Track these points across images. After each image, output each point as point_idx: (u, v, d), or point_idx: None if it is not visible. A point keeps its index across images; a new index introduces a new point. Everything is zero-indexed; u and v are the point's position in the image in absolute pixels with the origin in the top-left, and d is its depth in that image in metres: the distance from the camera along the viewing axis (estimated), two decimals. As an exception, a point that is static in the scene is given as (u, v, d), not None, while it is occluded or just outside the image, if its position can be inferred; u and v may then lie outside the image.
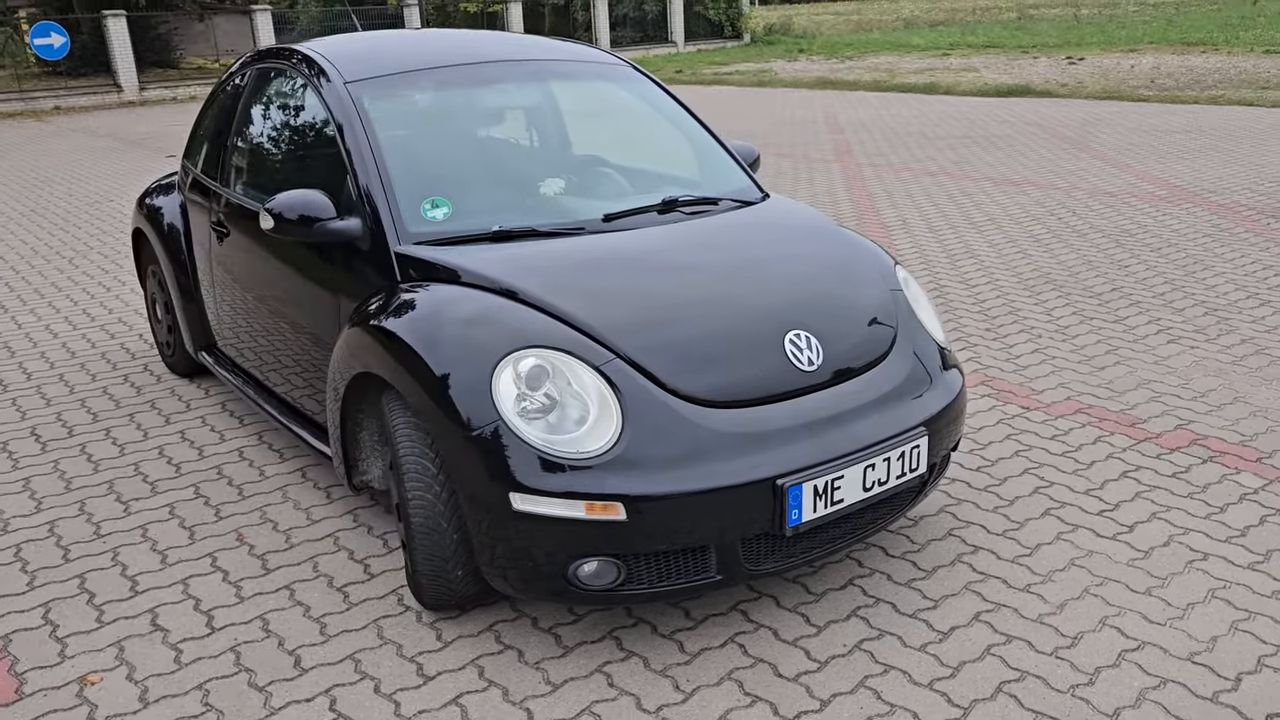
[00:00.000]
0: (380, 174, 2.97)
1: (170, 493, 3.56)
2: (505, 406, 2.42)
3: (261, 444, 3.94)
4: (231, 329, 3.89)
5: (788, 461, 2.45)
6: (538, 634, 2.71)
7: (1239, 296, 5.40)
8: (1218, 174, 8.81)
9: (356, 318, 2.82)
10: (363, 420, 3.02)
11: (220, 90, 4.14)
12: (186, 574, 3.05)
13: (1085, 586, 2.84)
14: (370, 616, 2.81)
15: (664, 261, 2.86)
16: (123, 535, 3.28)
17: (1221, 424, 3.86)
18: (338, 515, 3.37)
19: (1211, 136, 11.00)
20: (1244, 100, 14.23)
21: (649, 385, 2.47)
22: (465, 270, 2.74)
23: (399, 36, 3.76)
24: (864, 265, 3.04)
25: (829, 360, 2.68)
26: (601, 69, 3.72)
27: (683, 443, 2.41)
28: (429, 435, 2.56)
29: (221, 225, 3.75)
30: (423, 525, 2.57)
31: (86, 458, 3.86)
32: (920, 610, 2.77)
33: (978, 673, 2.50)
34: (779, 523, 2.44)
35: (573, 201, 3.24)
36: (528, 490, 2.36)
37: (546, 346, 2.49)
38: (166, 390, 4.53)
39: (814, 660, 2.57)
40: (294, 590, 2.94)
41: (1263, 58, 20.13)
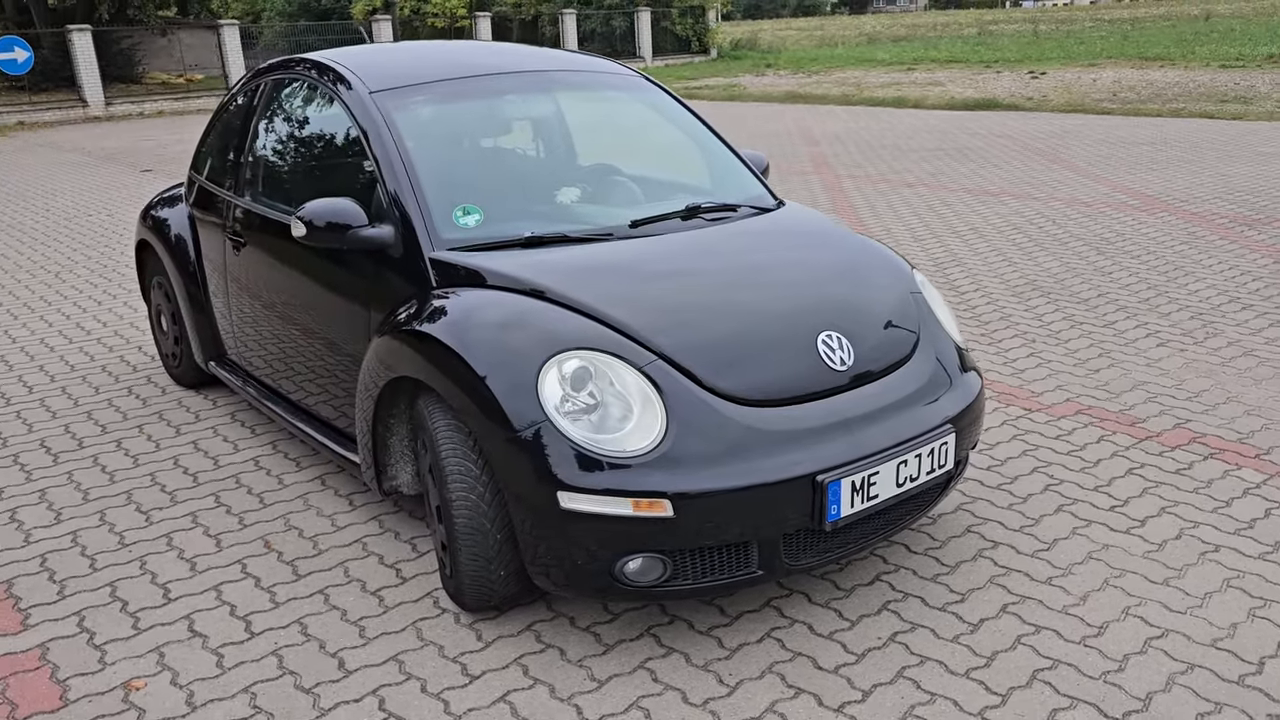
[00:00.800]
0: (411, 182, 3.01)
1: (190, 502, 3.56)
2: (551, 407, 2.47)
3: (277, 453, 3.95)
4: (247, 338, 3.90)
5: (826, 458, 2.51)
6: (577, 633, 2.75)
7: (1221, 301, 5.56)
8: (1187, 184, 9.04)
9: (391, 324, 2.85)
10: (393, 425, 3.05)
11: (230, 102, 4.16)
12: (218, 580, 3.05)
13: (1105, 578, 2.93)
14: (408, 619, 2.83)
15: (695, 265, 2.92)
16: (148, 544, 3.27)
17: (1218, 422, 3.98)
18: (363, 521, 3.39)
19: (1177, 148, 11.27)
20: (1205, 113, 14.59)
21: (690, 384, 2.53)
22: (501, 275, 2.79)
23: (415, 48, 3.81)
24: (884, 269, 3.13)
25: (859, 360, 2.75)
26: (616, 79, 3.78)
27: (724, 440, 2.47)
28: (472, 437, 2.59)
29: (238, 235, 3.76)
30: (466, 526, 2.60)
31: (100, 469, 3.85)
32: (949, 604, 2.84)
33: (1011, 662, 2.57)
34: (819, 518, 2.50)
35: (598, 208, 3.30)
36: (575, 489, 2.41)
37: (589, 348, 2.54)
38: (173, 402, 4.52)
39: (851, 653, 2.63)
40: (328, 595, 2.96)
41: (1218, 72, 20.63)
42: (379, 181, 3.07)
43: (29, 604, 2.95)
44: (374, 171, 3.13)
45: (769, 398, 2.58)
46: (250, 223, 3.70)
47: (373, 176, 3.15)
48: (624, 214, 3.19)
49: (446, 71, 3.47)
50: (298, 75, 3.71)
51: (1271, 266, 6.22)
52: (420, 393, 2.80)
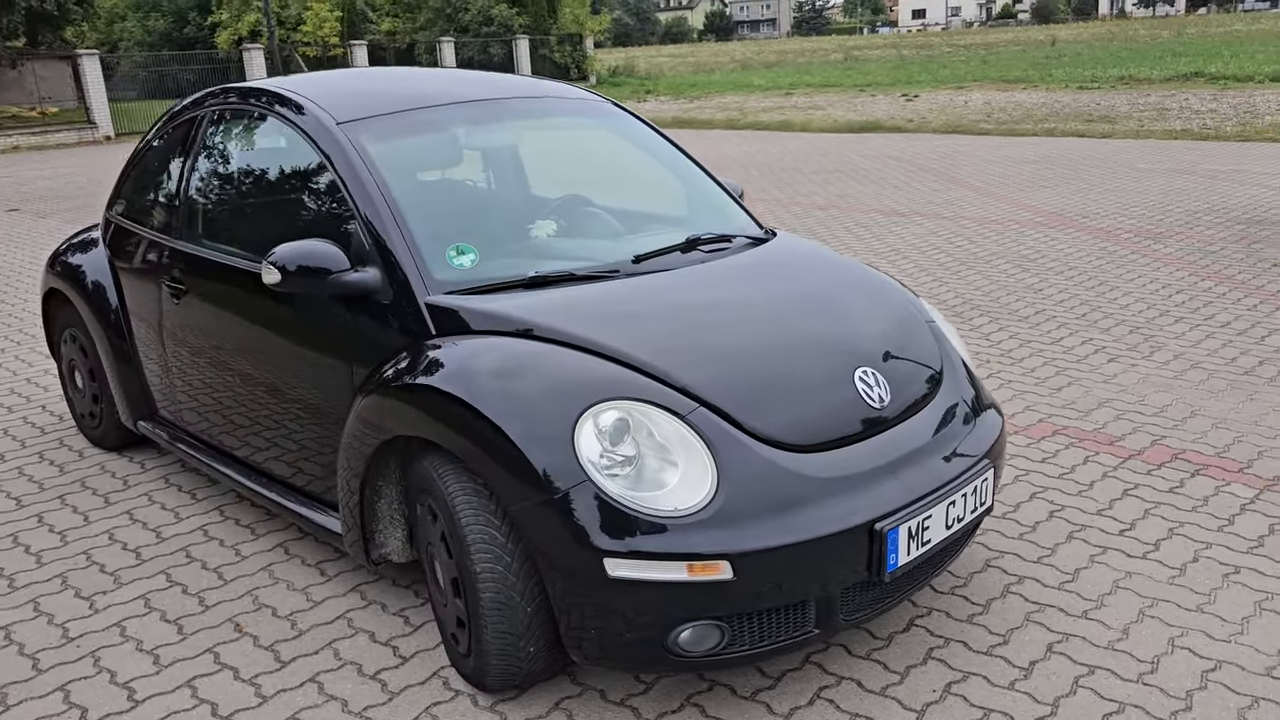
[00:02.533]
0: (397, 221, 2.75)
1: (138, 583, 3.17)
2: (590, 464, 2.24)
3: (226, 519, 3.58)
4: (187, 395, 3.53)
5: (881, 505, 2.36)
6: (611, 708, 2.51)
7: (1154, 315, 5.68)
8: (1082, 200, 9.34)
9: (385, 378, 2.58)
10: (381, 489, 2.77)
11: (158, 136, 3.78)
12: (188, 674, 2.70)
13: (1139, 609, 2.86)
14: (419, 705, 2.55)
15: (714, 302, 2.74)
16: (98, 636, 2.89)
17: (1191, 437, 4.01)
18: (341, 594, 3.07)
19: (1061, 166, 11.69)
20: (1076, 132, 15.25)
21: (736, 432, 2.34)
22: (510, 319, 2.55)
23: (369, 75, 3.54)
24: (899, 300, 3.01)
25: (895, 397, 2.61)
26: (585, 105, 3.58)
27: (777, 491, 2.29)
28: (496, 502, 2.35)
29: (177, 282, 3.40)
30: (493, 600, 2.34)
31: (24, 549, 3.41)
32: (993, 647, 2.71)
33: (1077, 707, 2.46)
34: (877, 569, 2.34)
35: (595, 243, 3.09)
36: (623, 555, 2.19)
37: (626, 397, 2.33)
38: (95, 467, 4.08)
39: (910, 709, 2.48)
40: (322, 684, 2.65)
41: (1078, 93, 21.69)
42: (358, 221, 2.79)
43: (-33, 719, 2.55)
44: (346, 210, 2.85)
45: (815, 442, 2.41)
46: (194, 269, 3.35)
47: (344, 215, 2.87)
48: (623, 248, 2.99)
49: (412, 101, 3.21)
50: (242, 106, 3.38)
51: (1188, 279, 6.42)
52: (423, 453, 2.53)
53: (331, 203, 2.96)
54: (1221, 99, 18.59)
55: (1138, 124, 15.69)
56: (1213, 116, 16.04)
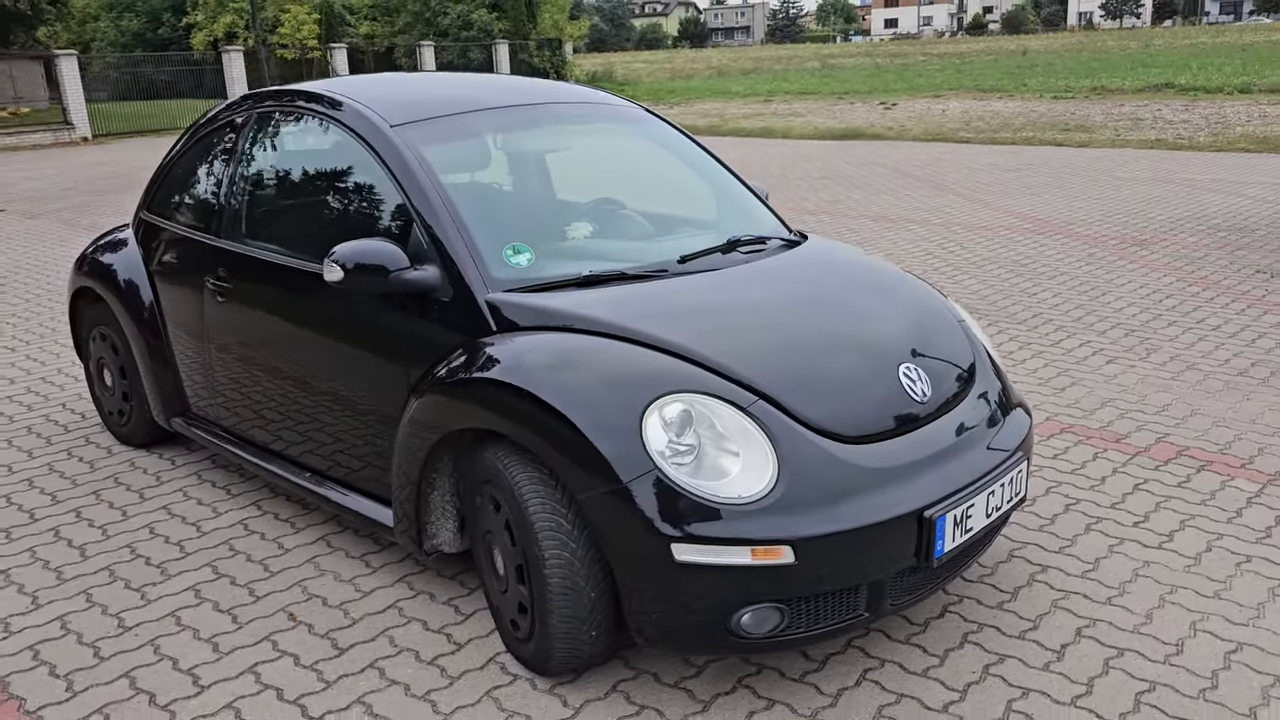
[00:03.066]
0: (455, 221, 2.84)
1: (185, 575, 3.24)
2: (657, 454, 2.34)
3: (264, 514, 3.65)
4: (230, 391, 3.59)
5: (929, 493, 2.48)
6: (667, 690, 2.61)
7: (1147, 318, 5.86)
8: (1066, 207, 9.56)
9: (448, 373, 2.67)
10: (435, 481, 2.86)
11: (200, 137, 3.84)
12: (250, 661, 2.77)
13: (1160, 595, 2.99)
14: (479, 689, 2.64)
15: (763, 300, 2.85)
16: (154, 625, 2.95)
17: (1194, 435, 4.17)
18: (389, 585, 3.15)
19: (1043, 174, 11.93)
20: (1053, 141, 15.54)
21: (792, 423, 2.45)
22: (572, 316, 2.65)
23: (411, 80, 3.62)
24: (931, 299, 3.13)
25: (935, 391, 2.73)
26: (622, 111, 3.69)
27: (834, 480, 2.40)
28: (562, 491, 2.44)
29: (223, 281, 3.46)
30: (560, 586, 2.44)
31: (66, 543, 3.46)
32: (1025, 631, 2.84)
33: (1110, 687, 2.58)
34: (926, 554, 2.46)
35: (641, 245, 3.19)
36: (689, 540, 2.29)
37: (690, 390, 2.43)
38: (125, 463, 4.13)
39: (952, 689, 2.59)
40: (382, 669, 2.73)
41: (1052, 103, 22.05)
42: (415, 221, 2.88)
43: (37, 705, 2.61)
44: (401, 210, 2.94)
45: (865, 434, 2.53)
46: (240, 268, 3.41)
47: (399, 215, 2.96)
48: (669, 248, 3.10)
49: (458, 105, 3.30)
50: (291, 108, 3.46)
51: (1176, 284, 6.61)
52: (486, 446, 2.62)
53: (385, 203, 3.04)
54: (1193, 110, 18.98)
55: (1113, 133, 16.01)
56: (1185, 127, 16.39)
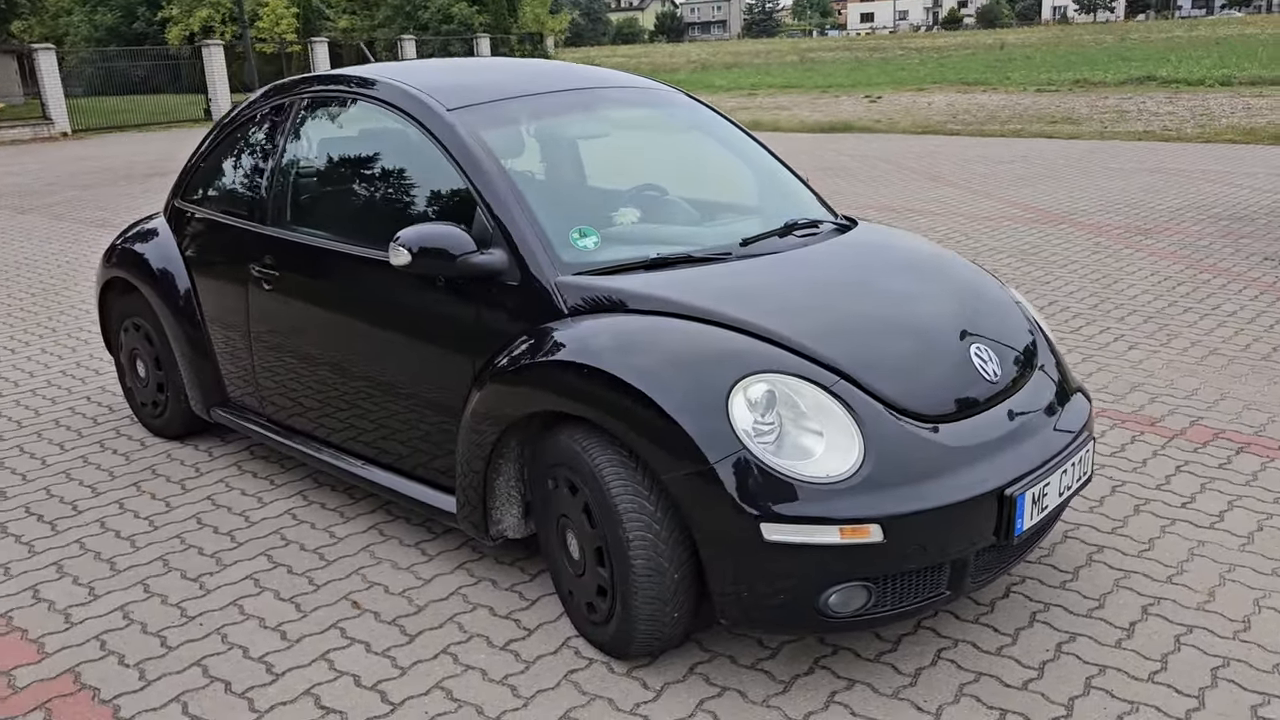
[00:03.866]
0: (521, 204, 2.83)
1: (240, 564, 3.21)
2: (745, 434, 2.34)
3: (310, 504, 3.62)
4: (277, 379, 3.55)
5: (1007, 472, 2.49)
6: (746, 672, 2.61)
7: (1162, 305, 5.91)
8: (1066, 198, 9.63)
9: (520, 357, 2.66)
10: (500, 466, 2.85)
11: (239, 125, 3.80)
12: (321, 649, 2.75)
13: (1220, 573, 3.02)
14: (558, 673, 2.63)
15: (829, 280, 2.86)
16: (217, 615, 2.92)
17: (1227, 418, 4.21)
18: (448, 572, 3.14)
19: (1037, 165, 12.01)
20: (1042, 133, 15.64)
21: (873, 403, 2.46)
22: (647, 298, 2.64)
23: (454, 65, 3.59)
24: (989, 281, 3.15)
25: (1005, 371, 2.75)
26: (669, 95, 3.69)
27: (918, 459, 2.41)
28: (644, 472, 2.44)
29: (269, 269, 3.43)
30: (645, 568, 2.43)
31: (115, 534, 3.43)
32: (1092, 610, 2.86)
33: (1185, 663, 2.61)
34: (1007, 532, 2.47)
35: (700, 227, 3.19)
36: (779, 519, 2.29)
37: (772, 370, 2.43)
38: (161, 455, 4.09)
39: (1029, 667, 2.61)
40: (455, 655, 2.72)
41: (1037, 96, 22.19)
42: (480, 204, 2.86)
43: (111, 695, 2.58)
44: (462, 193, 2.92)
45: (943, 413, 2.54)
46: (289, 255, 3.38)
47: (460, 198, 2.94)
48: (726, 232, 3.10)
49: (509, 89, 3.29)
50: (337, 94, 3.43)
51: (1186, 271, 6.67)
52: (561, 429, 2.61)
53: (445, 187, 3.02)
54: (1177, 102, 19.15)
55: (1101, 125, 16.13)
56: (1172, 119, 16.54)
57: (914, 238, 3.40)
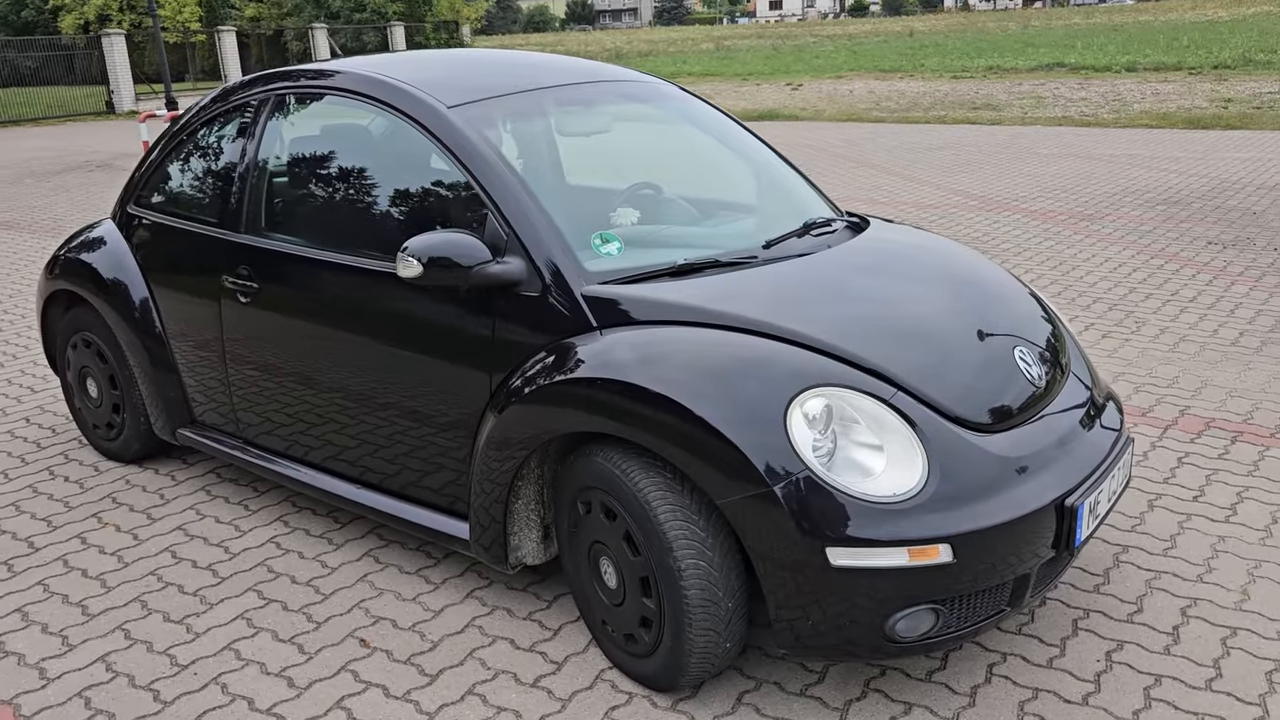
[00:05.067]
0: (537, 209, 2.63)
1: (228, 603, 2.96)
2: (806, 454, 2.20)
3: (294, 530, 3.37)
4: (257, 398, 3.29)
5: (1065, 480, 2.40)
6: (796, 699, 2.48)
7: (1123, 292, 5.96)
8: (1006, 184, 9.72)
9: (548, 374, 2.47)
10: (519, 489, 2.66)
11: (203, 123, 3.51)
12: (336, 695, 2.53)
13: (1248, 570, 2.99)
14: (597, 711, 2.46)
15: (864, 285, 2.72)
16: (211, 662, 2.68)
17: (1213, 406, 4.22)
18: (458, 601, 2.94)
19: (968, 151, 12.14)
20: (965, 120, 15.86)
21: (933, 415, 2.34)
22: (681, 308, 2.48)
23: (434, 58, 3.35)
24: (1011, 280, 3.06)
25: (1046, 374, 2.66)
26: (661, 89, 3.51)
27: (980, 472, 2.30)
28: (692, 496, 2.28)
29: (248, 281, 3.17)
30: (699, 598, 2.28)
31: (81, 573, 3.14)
32: (1133, 615, 2.80)
33: (1240, 667, 2.55)
34: (1068, 543, 2.38)
35: (722, 229, 3.03)
36: (846, 542, 2.16)
37: (829, 384, 2.29)
38: (119, 481, 3.78)
39: (1084, 680, 2.53)
40: (484, 696, 2.52)
41: (953, 82, 22.55)
42: (491, 210, 2.66)
43: (106, 761, 2.33)
44: (468, 197, 2.72)
45: (996, 420, 2.43)
46: (271, 265, 3.12)
47: (467, 203, 2.74)
48: (751, 233, 2.95)
49: (506, 84, 3.08)
50: (317, 90, 3.17)
51: (1138, 257, 6.76)
52: (594, 450, 2.44)
53: (449, 190, 2.81)
54: (1089, 88, 19.63)
55: (1021, 111, 16.43)
56: (1087, 104, 16.93)
57: (930, 235, 3.30)
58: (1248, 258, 6.64)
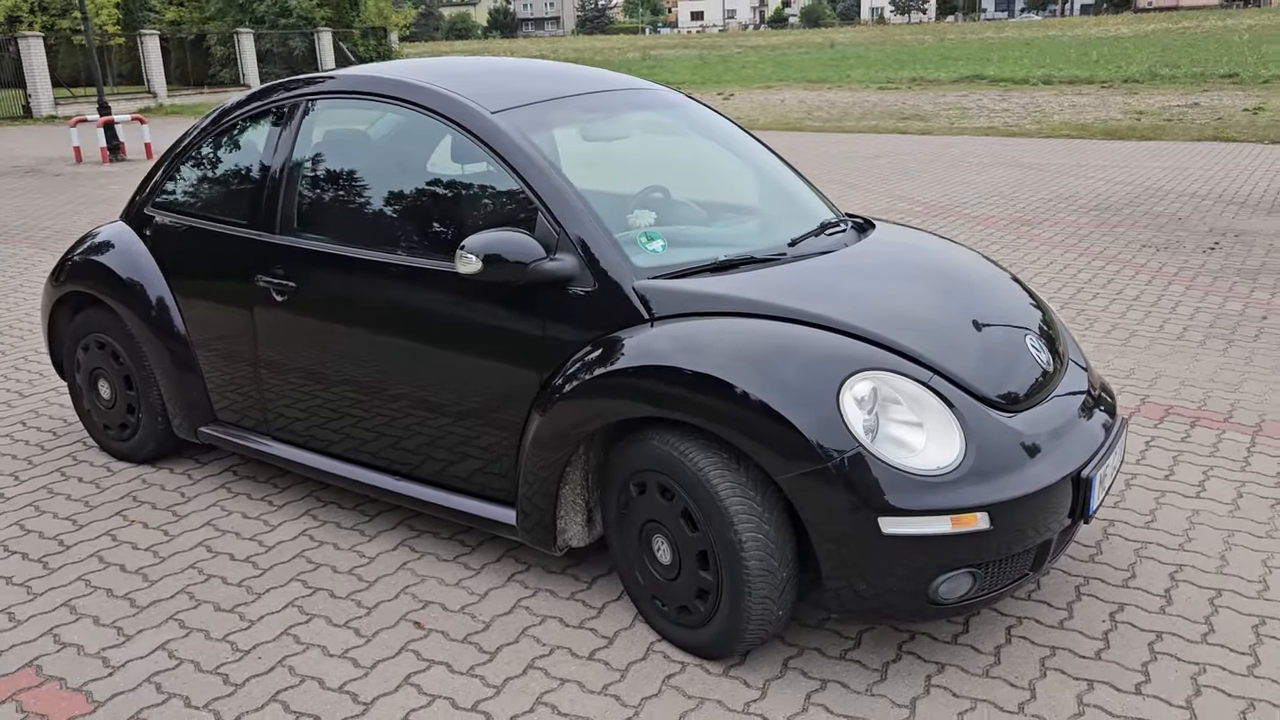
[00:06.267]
0: (586, 209, 2.79)
1: (274, 593, 3.04)
2: (858, 432, 2.40)
3: (322, 523, 3.46)
4: (291, 394, 3.37)
5: (1079, 455, 2.63)
6: (839, 663, 2.67)
7: (1072, 291, 6.32)
8: (945, 191, 10.13)
9: (606, 363, 2.63)
10: (566, 475, 2.81)
11: (232, 127, 3.57)
12: (402, 673, 2.65)
13: (1223, 539, 3.27)
14: (655, 679, 2.62)
15: (891, 278, 2.94)
16: (273, 647, 2.77)
17: (1169, 395, 4.55)
18: (500, 585, 3.07)
19: (905, 160, 12.58)
20: (896, 129, 16.39)
21: (965, 395, 2.55)
22: (732, 300, 2.66)
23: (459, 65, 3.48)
24: (1005, 275, 3.30)
25: (1051, 361, 2.90)
26: (674, 98, 3.69)
27: (1009, 447, 2.52)
28: (748, 473, 2.46)
29: (284, 280, 3.25)
30: (759, 568, 2.46)
31: (119, 569, 3.19)
32: (1129, 580, 3.05)
33: (1233, 624, 2.82)
34: (1082, 512, 2.62)
35: (749, 227, 3.21)
36: (896, 512, 2.36)
37: (875, 368, 2.50)
38: (136, 480, 3.81)
39: (1093, 638, 2.77)
40: (545, 669, 2.66)
41: (880, 93, 23.20)
42: (541, 210, 2.81)
43: (191, 740, 2.41)
44: (518, 198, 2.87)
45: (1016, 401, 2.66)
46: (312, 266, 3.20)
47: (515, 203, 2.88)
48: (776, 232, 3.15)
49: (539, 92, 3.23)
50: (358, 95, 3.26)
51: (1080, 259, 7.15)
52: (650, 434, 2.60)
53: (496, 191, 2.95)
54: (1009, 99, 20.39)
55: (948, 121, 17.03)
56: (1009, 115, 17.61)
57: (930, 235, 3.54)
58: (1179, 259, 7.07)
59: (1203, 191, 9.69)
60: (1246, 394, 4.53)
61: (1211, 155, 12.17)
